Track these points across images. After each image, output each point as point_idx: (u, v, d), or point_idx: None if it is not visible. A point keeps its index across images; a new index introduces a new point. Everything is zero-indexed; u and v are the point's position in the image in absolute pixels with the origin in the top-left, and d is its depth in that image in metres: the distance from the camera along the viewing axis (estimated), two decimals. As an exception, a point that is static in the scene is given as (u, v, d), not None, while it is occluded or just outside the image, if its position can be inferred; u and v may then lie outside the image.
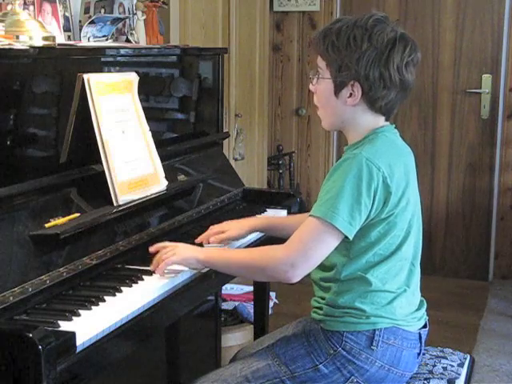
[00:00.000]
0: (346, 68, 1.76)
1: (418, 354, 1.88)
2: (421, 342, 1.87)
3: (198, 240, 2.11)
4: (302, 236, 1.74)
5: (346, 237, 1.72)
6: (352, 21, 1.77)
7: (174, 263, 1.86)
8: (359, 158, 1.72)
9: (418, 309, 1.90)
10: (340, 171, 1.73)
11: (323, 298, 1.87)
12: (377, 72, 1.74)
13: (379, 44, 1.73)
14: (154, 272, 1.86)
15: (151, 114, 2.28)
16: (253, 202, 2.66)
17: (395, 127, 1.91)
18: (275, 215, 2.54)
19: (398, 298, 1.82)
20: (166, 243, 1.94)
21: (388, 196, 1.73)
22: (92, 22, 2.44)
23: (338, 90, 1.79)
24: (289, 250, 1.74)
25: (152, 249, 1.93)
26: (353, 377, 1.79)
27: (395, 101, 1.81)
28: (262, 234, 2.29)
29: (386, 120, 1.86)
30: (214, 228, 2.14)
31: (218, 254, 1.91)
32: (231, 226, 2.13)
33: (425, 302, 1.94)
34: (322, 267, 1.83)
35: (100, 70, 2.14)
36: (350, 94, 1.78)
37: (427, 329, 1.91)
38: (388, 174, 1.73)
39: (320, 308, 1.87)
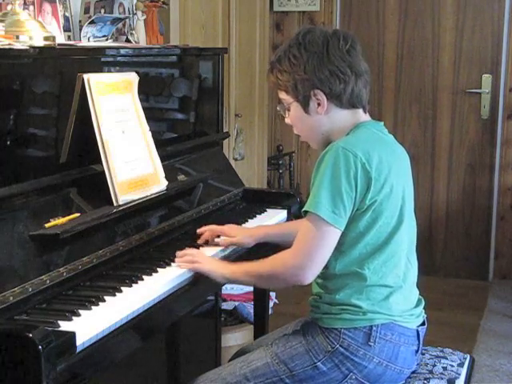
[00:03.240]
0: (300, 82, 1.85)
1: (416, 351, 1.89)
2: (419, 340, 1.89)
3: (200, 231, 2.16)
4: (302, 238, 1.79)
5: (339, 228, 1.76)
6: (286, 45, 1.90)
7: (199, 271, 1.93)
8: (335, 147, 1.78)
9: (416, 306, 1.91)
10: (321, 165, 1.80)
11: (320, 297, 1.88)
12: (326, 71, 1.82)
13: (315, 48, 1.83)
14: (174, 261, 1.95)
15: (151, 114, 2.28)
16: (253, 201, 2.66)
17: (384, 125, 1.95)
18: (275, 216, 2.54)
19: (394, 294, 1.83)
20: (194, 251, 2.02)
21: (369, 181, 1.76)
22: (92, 22, 2.44)
23: (305, 106, 1.87)
24: (294, 255, 1.80)
25: (180, 263, 1.96)
26: (351, 373, 1.80)
27: (358, 89, 1.86)
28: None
29: (365, 111, 1.91)
30: (224, 228, 2.16)
31: (240, 269, 1.93)
32: (239, 233, 2.17)
33: (423, 300, 1.96)
34: None
35: (100, 70, 2.14)
36: (318, 104, 1.85)
37: (425, 326, 1.92)
38: (366, 160, 1.76)
39: (317, 307, 1.88)
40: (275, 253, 1.89)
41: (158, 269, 1.91)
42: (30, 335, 1.36)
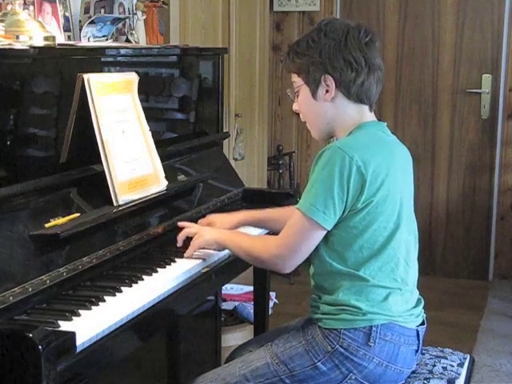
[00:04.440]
0: (313, 66, 1.85)
1: (416, 350, 1.89)
2: (419, 339, 1.88)
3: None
4: (289, 230, 1.84)
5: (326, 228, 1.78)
6: (306, 32, 1.92)
7: (199, 247, 2.01)
8: (332, 147, 1.78)
9: (416, 306, 1.91)
10: (318, 163, 1.80)
11: (320, 297, 1.89)
12: (340, 57, 1.83)
13: (335, 35, 1.85)
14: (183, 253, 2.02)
15: (151, 114, 2.28)
16: (253, 201, 2.66)
17: (387, 125, 1.95)
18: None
19: (392, 295, 1.83)
20: (188, 230, 2.06)
21: (363, 184, 1.76)
22: (92, 22, 2.44)
23: (314, 90, 1.87)
24: (278, 244, 1.85)
25: (180, 239, 2.06)
26: (351, 374, 1.80)
27: (369, 84, 1.86)
28: None
29: (370, 110, 1.91)
30: (202, 221, 2.19)
31: (232, 238, 2.00)
32: (220, 219, 2.19)
33: (422, 299, 1.96)
34: (314, 262, 1.87)
35: (100, 70, 2.14)
36: (326, 91, 1.86)
37: (425, 326, 1.92)
38: (362, 163, 1.76)
39: (317, 307, 1.88)
40: None
41: (158, 269, 1.91)
42: (30, 335, 1.36)
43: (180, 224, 2.11)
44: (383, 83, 1.96)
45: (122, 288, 1.76)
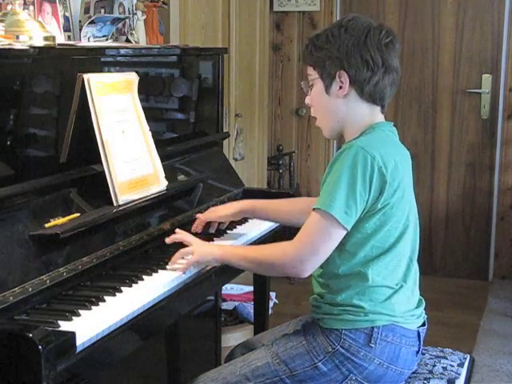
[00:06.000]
0: (329, 60, 1.83)
1: (417, 351, 1.89)
2: (419, 340, 1.88)
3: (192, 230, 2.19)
4: (308, 231, 1.78)
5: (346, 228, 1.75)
6: (328, 26, 1.90)
7: (194, 263, 1.91)
8: (354, 147, 1.76)
9: (417, 307, 1.91)
10: (338, 163, 1.77)
11: (322, 297, 1.88)
12: (358, 55, 1.81)
13: (355, 32, 1.82)
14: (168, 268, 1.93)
15: (151, 114, 2.28)
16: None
17: (394, 125, 1.94)
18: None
19: (396, 294, 1.83)
20: (183, 236, 1.99)
21: (384, 185, 1.76)
22: (92, 22, 2.44)
23: (327, 85, 1.85)
24: (296, 246, 1.79)
25: (168, 240, 2.00)
26: (351, 374, 1.80)
27: (383, 85, 1.84)
28: (276, 225, 2.36)
29: (382, 111, 1.91)
30: (201, 216, 2.21)
31: (233, 251, 1.94)
32: (218, 209, 2.22)
33: (423, 300, 1.96)
34: (322, 263, 1.84)
35: (100, 70, 2.14)
36: (340, 87, 1.84)
37: (426, 327, 1.92)
38: (383, 163, 1.75)
39: (318, 307, 1.88)
40: None
41: (158, 269, 1.91)
42: (30, 335, 1.36)
43: (168, 240, 2.02)
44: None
45: (122, 288, 1.76)
